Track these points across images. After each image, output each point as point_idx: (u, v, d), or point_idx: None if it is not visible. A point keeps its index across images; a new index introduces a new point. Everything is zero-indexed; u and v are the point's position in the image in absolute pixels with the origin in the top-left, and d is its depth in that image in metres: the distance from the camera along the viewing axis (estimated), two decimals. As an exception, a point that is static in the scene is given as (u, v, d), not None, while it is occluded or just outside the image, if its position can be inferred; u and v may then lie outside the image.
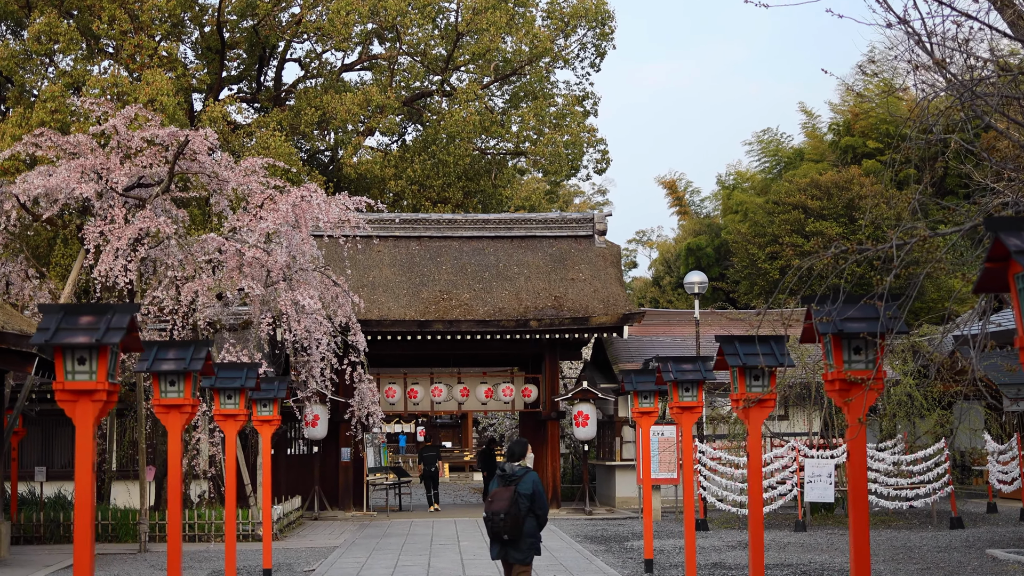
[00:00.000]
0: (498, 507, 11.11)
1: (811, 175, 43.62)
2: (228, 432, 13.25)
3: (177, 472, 10.50)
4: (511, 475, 11.28)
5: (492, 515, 11.14)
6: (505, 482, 11.24)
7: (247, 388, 13.17)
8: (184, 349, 10.45)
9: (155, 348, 10.46)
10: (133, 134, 20.52)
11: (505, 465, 11.40)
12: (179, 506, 10.52)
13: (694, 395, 13.57)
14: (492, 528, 11.18)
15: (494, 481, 11.45)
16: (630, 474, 30.64)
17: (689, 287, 27.50)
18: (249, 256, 19.76)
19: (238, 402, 13.19)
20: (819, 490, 23.58)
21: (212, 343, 10.66)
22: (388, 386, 29.76)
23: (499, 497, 11.15)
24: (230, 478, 13.30)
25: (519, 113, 40.07)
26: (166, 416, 10.48)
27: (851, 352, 8.23)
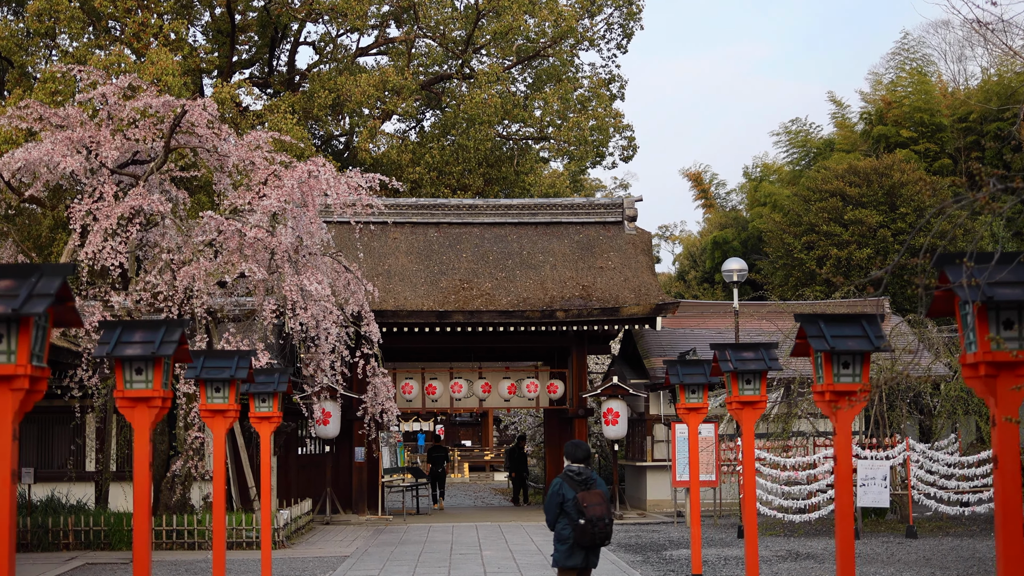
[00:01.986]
0: (600, 512, 10.56)
1: (848, 161, 41.59)
2: (216, 431, 11.43)
3: (144, 478, 8.71)
4: (589, 477, 10.70)
5: (595, 520, 10.52)
6: (584, 486, 10.62)
7: (238, 379, 11.35)
8: (153, 330, 8.65)
9: (118, 329, 8.66)
10: (125, 104, 18.70)
11: (576, 467, 10.75)
12: (147, 514, 8.78)
13: (756, 388, 11.69)
14: (593, 534, 10.54)
15: (563, 485, 10.65)
16: (662, 476, 28.77)
17: (727, 275, 25.57)
18: (251, 236, 17.93)
19: (228, 396, 11.37)
20: (873, 494, 21.65)
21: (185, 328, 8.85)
22: (405, 381, 27.95)
23: (593, 501, 10.57)
24: (218, 482, 11.51)
25: (542, 95, 38.13)
26: (131, 411, 8.70)
27: (1000, 327, 6.28)
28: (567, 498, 10.57)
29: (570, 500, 10.55)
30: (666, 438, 28.87)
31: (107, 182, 18.49)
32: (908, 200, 38.62)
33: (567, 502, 10.57)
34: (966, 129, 45.44)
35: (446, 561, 18.75)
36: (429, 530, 24.33)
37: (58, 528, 20.78)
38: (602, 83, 39.88)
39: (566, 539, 10.63)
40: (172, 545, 20.54)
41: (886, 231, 38.07)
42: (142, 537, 8.75)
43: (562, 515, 10.63)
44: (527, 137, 40.88)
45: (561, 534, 10.68)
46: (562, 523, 10.65)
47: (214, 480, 11.58)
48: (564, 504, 10.58)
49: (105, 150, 18.30)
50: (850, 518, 8.94)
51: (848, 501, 8.91)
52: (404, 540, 22.37)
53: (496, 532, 23.51)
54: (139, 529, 8.73)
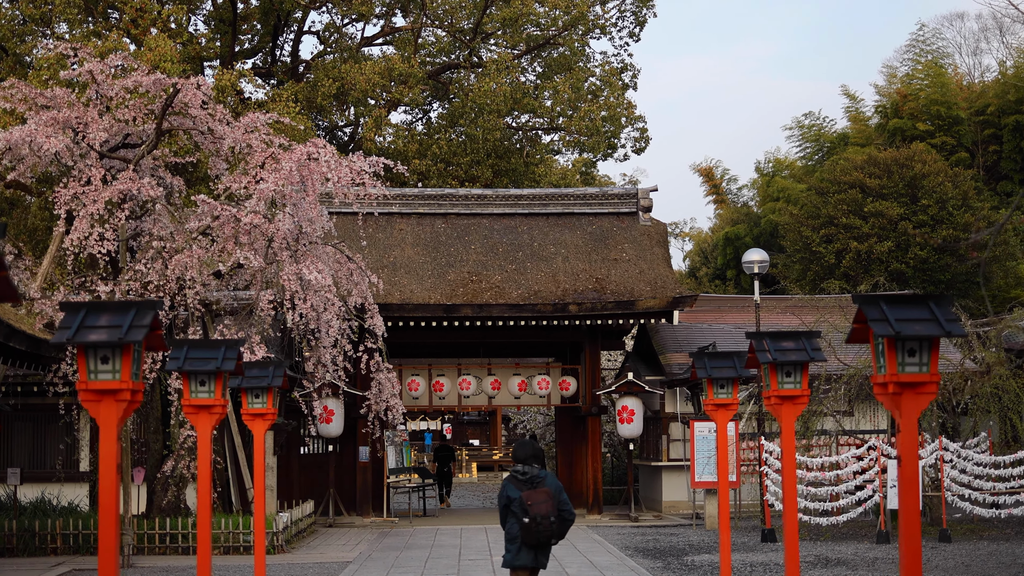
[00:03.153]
0: (544, 510, 10.43)
1: (867, 152, 40.45)
2: (200, 428, 10.35)
3: (111, 482, 7.64)
4: (535, 476, 10.61)
5: (540, 519, 10.41)
6: (529, 485, 10.55)
7: (225, 372, 10.26)
8: (121, 313, 7.58)
9: (81, 312, 7.58)
10: (114, 83, 17.61)
11: (523, 467, 10.68)
12: (114, 520, 7.72)
13: (797, 381, 10.57)
14: (537, 533, 10.42)
15: (508, 485, 10.64)
16: (678, 476, 27.69)
17: (748, 266, 24.42)
18: (246, 222, 16.83)
19: (213, 389, 10.27)
20: (904, 496, 20.50)
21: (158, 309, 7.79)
22: (411, 378, 26.86)
23: (538, 500, 10.46)
24: (203, 484, 10.43)
25: (553, 84, 36.99)
26: (96, 405, 7.61)
27: None
28: (512, 498, 10.53)
29: (515, 500, 10.51)
30: (683, 437, 27.81)
31: (95, 165, 17.42)
32: (930, 192, 37.47)
33: (513, 502, 10.53)
34: (983, 122, 44.41)
35: (455, 568, 17.69)
36: (436, 533, 23.25)
37: (46, 532, 19.73)
38: (614, 72, 38.74)
39: (514, 538, 10.57)
40: (165, 550, 19.49)
41: (907, 223, 36.93)
42: (108, 545, 7.69)
43: (510, 515, 10.59)
44: (537, 128, 39.76)
45: (510, 533, 10.64)
46: (510, 523, 10.60)
47: (199, 482, 10.50)
48: (510, 504, 10.54)
49: (93, 131, 17.23)
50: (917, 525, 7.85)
51: (914, 507, 7.81)
52: (410, 544, 21.29)
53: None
54: (105, 536, 7.67)
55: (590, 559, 18.31)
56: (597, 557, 18.61)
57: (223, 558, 18.98)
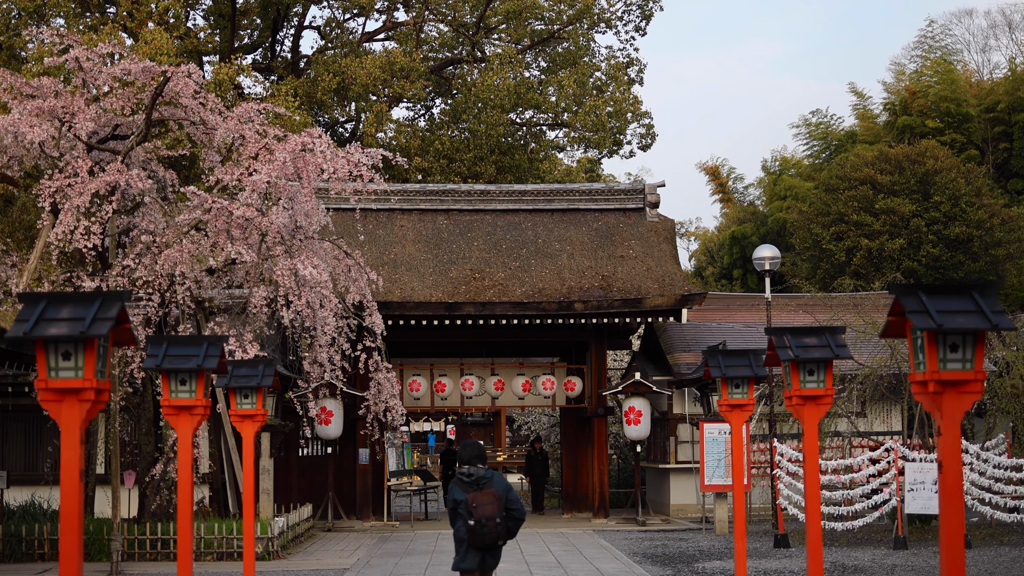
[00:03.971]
0: (490, 512, 10.39)
1: (878, 148, 39.71)
2: (181, 430, 9.66)
3: (73, 487, 6.96)
4: (481, 478, 10.54)
5: (486, 520, 10.35)
6: (475, 486, 10.48)
7: (207, 370, 9.57)
8: (84, 304, 6.89)
9: (41, 303, 6.90)
10: (102, 69, 16.92)
11: (468, 469, 10.61)
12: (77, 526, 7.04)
13: (821, 380, 9.88)
14: (484, 535, 10.38)
15: (454, 488, 10.63)
16: (686, 479, 26.98)
17: (759, 263, 23.66)
18: (238, 215, 16.13)
19: (195, 389, 9.58)
20: (922, 500, 19.80)
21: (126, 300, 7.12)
22: (412, 378, 26.16)
23: (484, 502, 10.42)
24: (184, 489, 9.74)
25: (557, 79, 36.25)
26: (57, 406, 6.93)
27: None
28: (459, 500, 10.53)
29: (462, 502, 10.49)
30: (691, 439, 27.09)
31: (81, 156, 16.73)
32: (942, 188, 36.72)
33: (459, 504, 10.52)
34: (993, 119, 43.74)
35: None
36: (438, 538, 22.54)
37: (33, 537, 19.03)
38: (620, 67, 38.00)
39: (462, 540, 10.54)
40: (156, 556, 18.81)
41: (919, 220, 36.19)
42: (70, 555, 7.00)
43: (457, 517, 10.57)
44: (541, 124, 39.04)
45: (458, 535, 10.63)
46: (458, 525, 10.58)
47: (179, 487, 9.82)
48: (457, 507, 10.54)
49: (79, 121, 16.54)
50: (960, 536, 7.15)
51: (958, 516, 7.11)
52: (411, 550, 20.58)
53: (510, 542, 21.68)
54: (66, 545, 6.98)
55: (597, 566, 17.61)
56: (604, 564, 17.91)
57: (216, 565, 18.30)
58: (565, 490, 28.49)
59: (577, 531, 23.77)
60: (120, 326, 7.17)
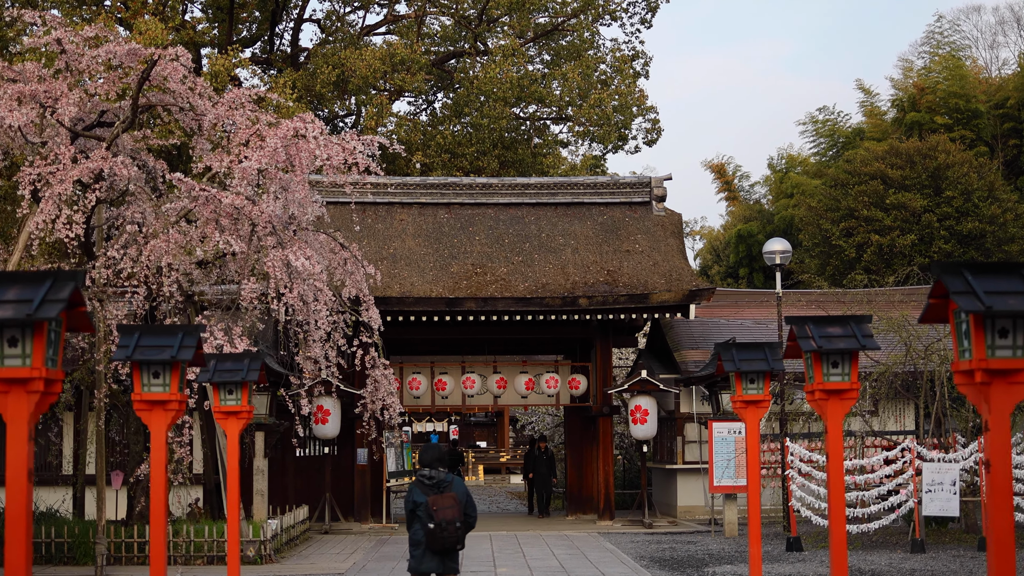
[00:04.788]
0: (450, 515, 10.39)
1: (889, 142, 38.93)
2: (154, 427, 8.94)
3: (22, 487, 6.25)
4: (442, 481, 10.56)
5: (445, 524, 10.33)
6: (436, 489, 10.49)
7: (182, 361, 8.85)
8: (32, 286, 6.16)
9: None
10: (84, 52, 16.19)
11: (429, 471, 10.61)
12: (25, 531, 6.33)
13: (846, 373, 9.15)
14: (444, 538, 10.34)
15: (414, 490, 10.59)
16: (694, 480, 26.26)
17: (769, 257, 22.93)
18: (227, 203, 15.40)
19: (168, 383, 8.86)
20: (941, 501, 19.07)
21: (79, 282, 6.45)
22: (412, 376, 25.44)
23: (444, 505, 10.40)
24: (157, 490, 9.02)
25: (562, 72, 35.49)
26: (3, 398, 6.21)
27: None
28: (418, 503, 10.47)
29: (421, 504, 10.44)
30: (698, 438, 26.38)
31: (64, 142, 16.02)
32: (954, 183, 35.97)
33: (419, 507, 10.46)
34: (1003, 116, 42.98)
35: (455, 580, 16.22)
36: (438, 541, 21.79)
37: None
38: (625, 60, 37.25)
39: (419, 543, 10.46)
40: (144, 559, 18.08)
41: (931, 216, 35.43)
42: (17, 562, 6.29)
43: (415, 520, 10.49)
44: (545, 118, 38.30)
45: (414, 539, 10.53)
46: (415, 528, 10.50)
47: (151, 489, 9.11)
48: (416, 509, 10.48)
49: (62, 106, 15.81)
50: (1010, 540, 6.43)
51: (1008, 520, 6.39)
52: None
53: (512, 544, 20.99)
54: (13, 553, 6.27)
55: (603, 571, 16.88)
56: (611, 568, 17.17)
57: (206, 569, 17.59)
58: (569, 491, 27.76)
59: (582, 533, 23.05)
60: (75, 309, 6.46)
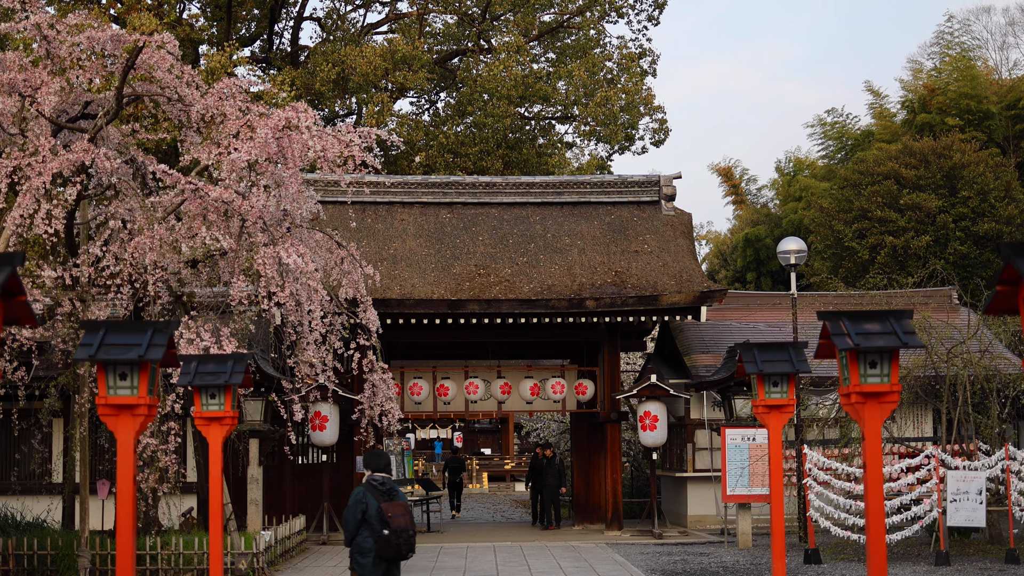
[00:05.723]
0: (404, 523, 10.31)
1: (902, 142, 38.04)
2: (121, 434, 8.11)
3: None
4: (392, 488, 10.54)
5: (400, 531, 10.23)
6: (388, 496, 10.44)
7: (152, 362, 8.02)
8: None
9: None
10: (65, 37, 15.36)
11: (380, 477, 10.56)
12: None
13: (885, 374, 8.32)
14: (397, 546, 10.24)
15: (366, 495, 10.44)
16: (705, 488, 25.38)
17: (784, 257, 22.05)
18: (215, 197, 14.56)
19: (137, 386, 8.05)
20: (966, 511, 18.20)
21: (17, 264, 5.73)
22: (413, 381, 24.59)
23: (398, 512, 10.35)
24: (124, 501, 8.20)
25: (567, 69, 34.63)
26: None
27: None
28: (370, 509, 10.29)
29: (373, 511, 10.28)
30: (709, 445, 25.50)
31: (44, 134, 15.20)
32: (969, 183, 35.07)
33: (370, 513, 10.28)
34: (1015, 117, 42.05)
35: (457, 595, 15.40)
36: (440, 552, 20.96)
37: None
38: (632, 57, 36.40)
39: (367, 551, 10.27)
40: (131, 573, 17.19)
41: (946, 216, 34.52)
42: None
43: (364, 526, 10.30)
44: (550, 117, 37.46)
45: (362, 546, 10.31)
46: (363, 535, 10.31)
47: (118, 501, 8.27)
48: (367, 514, 10.28)
49: (42, 95, 15.00)
50: None
51: None
52: (409, 566, 18.94)
53: (517, 555, 20.12)
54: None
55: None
56: (620, 583, 16.32)
57: (195, 583, 16.73)
58: (576, 500, 26.88)
59: (589, 544, 22.18)
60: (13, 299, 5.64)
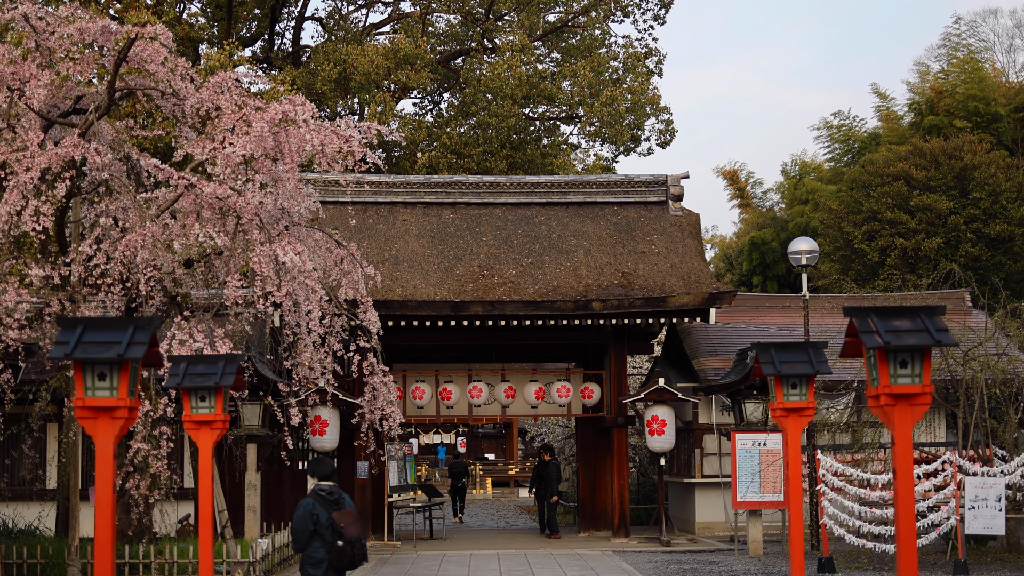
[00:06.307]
0: (356, 532, 10.25)
1: (912, 142, 37.50)
2: (100, 438, 7.59)
3: None
4: (340, 497, 10.41)
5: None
6: (336, 505, 10.30)
7: (132, 360, 7.50)
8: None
9: None
10: (55, 29, 14.85)
11: (327, 486, 10.40)
12: None
13: (916, 374, 7.78)
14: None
15: (315, 505, 10.26)
16: (713, 494, 24.81)
17: (795, 258, 21.52)
18: (208, 192, 14.05)
19: (116, 386, 7.53)
20: (985, 519, 17.63)
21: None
22: (415, 384, 24.05)
23: (349, 521, 10.27)
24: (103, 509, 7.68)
25: (572, 68, 34.12)
26: None
27: None
28: (321, 519, 10.19)
29: (324, 521, 10.18)
30: (718, 451, 24.94)
31: (33, 128, 14.70)
32: (981, 184, 34.53)
33: (321, 523, 10.18)
34: (1023, 120, 41.49)
35: (459, 606, 14.87)
36: (442, 560, 20.43)
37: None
38: (638, 56, 35.89)
39: (319, 562, 10.18)
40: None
41: (957, 218, 33.98)
42: None
43: (315, 537, 10.19)
44: (555, 117, 36.95)
45: (314, 557, 10.21)
46: (315, 545, 10.19)
47: (96, 509, 7.75)
48: (317, 525, 10.18)
49: (31, 88, 14.50)
50: None
51: None
52: (411, 574, 18.45)
53: (522, 564, 19.57)
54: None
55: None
56: (629, 593, 15.78)
57: (189, 593, 16.21)
58: (582, 506, 26.32)
59: (595, 552, 21.65)
60: None
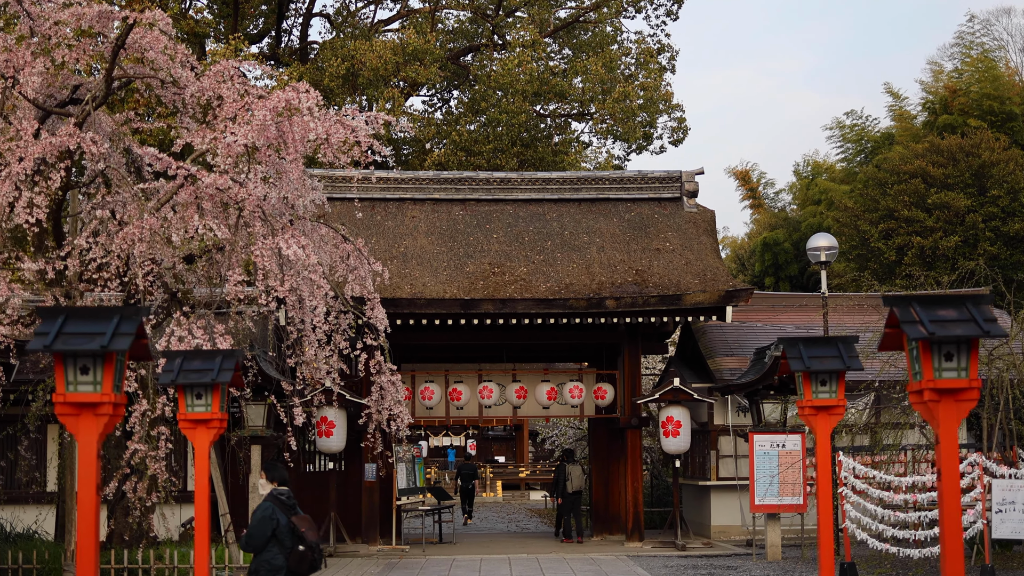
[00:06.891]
0: (315, 536, 10.15)
1: (929, 140, 36.87)
2: (82, 436, 7.04)
3: None
4: (294, 501, 10.36)
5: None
6: (294, 510, 10.24)
7: (117, 353, 6.96)
8: None
9: None
10: (50, 14, 14.34)
11: (285, 490, 10.33)
12: None
13: (962, 368, 7.21)
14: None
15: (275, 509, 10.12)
16: (729, 497, 24.26)
17: (814, 254, 20.95)
18: (208, 183, 13.52)
19: (99, 382, 6.99)
20: (1013, 522, 17.00)
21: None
22: (424, 385, 23.50)
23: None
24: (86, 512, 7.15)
25: (584, 64, 33.56)
26: None
27: None
28: (281, 524, 10.06)
29: (284, 526, 10.06)
30: (733, 452, 24.38)
31: (27, 117, 14.19)
32: (999, 181, 33.89)
33: (280, 528, 10.04)
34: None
35: (469, 613, 14.32)
36: (452, 565, 19.88)
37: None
38: (650, 52, 35.31)
39: (278, 568, 10.03)
40: (121, 587, 16.18)
41: (975, 216, 33.35)
42: None
43: (273, 542, 10.02)
44: (566, 114, 36.39)
45: (272, 563, 10.05)
46: (273, 551, 10.03)
47: (79, 512, 7.22)
48: (277, 530, 10.03)
49: (25, 76, 13.99)
50: None
51: None
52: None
53: (534, 569, 19.01)
54: None
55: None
56: (645, 599, 15.21)
57: (190, 599, 15.67)
58: (595, 509, 25.75)
59: (609, 556, 21.09)
60: None
